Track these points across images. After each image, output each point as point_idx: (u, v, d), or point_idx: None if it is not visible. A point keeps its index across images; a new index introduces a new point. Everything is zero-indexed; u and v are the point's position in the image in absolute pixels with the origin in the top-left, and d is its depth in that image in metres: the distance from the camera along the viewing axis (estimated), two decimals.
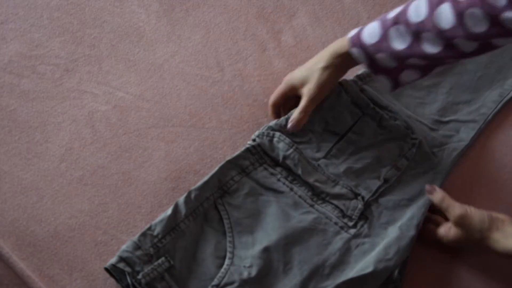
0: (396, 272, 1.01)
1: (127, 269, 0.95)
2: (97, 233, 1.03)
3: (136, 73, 1.18)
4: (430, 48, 0.93)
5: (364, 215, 1.05)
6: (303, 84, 1.07)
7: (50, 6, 1.22)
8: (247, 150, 1.07)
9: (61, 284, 0.99)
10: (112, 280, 0.99)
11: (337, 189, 1.06)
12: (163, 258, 0.97)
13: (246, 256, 0.99)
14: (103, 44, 1.20)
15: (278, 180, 1.06)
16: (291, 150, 1.06)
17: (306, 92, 1.06)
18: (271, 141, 1.08)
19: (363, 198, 1.06)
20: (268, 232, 1.01)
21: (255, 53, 1.21)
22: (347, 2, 1.27)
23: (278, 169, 1.07)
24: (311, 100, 1.06)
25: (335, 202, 1.05)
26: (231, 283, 0.97)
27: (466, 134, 1.13)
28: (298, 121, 1.07)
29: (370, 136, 1.11)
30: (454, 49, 0.92)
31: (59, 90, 1.16)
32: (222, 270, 0.98)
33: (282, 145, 1.07)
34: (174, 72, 1.19)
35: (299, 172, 1.06)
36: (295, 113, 1.07)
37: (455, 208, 1.01)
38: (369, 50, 0.99)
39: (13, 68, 1.16)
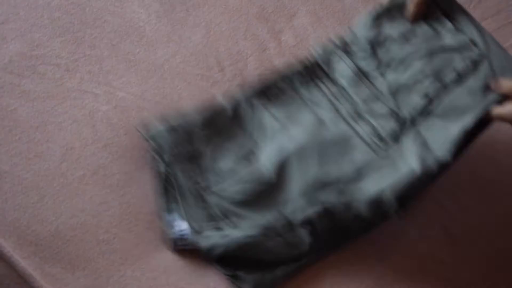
0: (393, 204, 0.97)
1: (155, 144, 1.05)
2: (99, 231, 1.03)
3: (137, 73, 1.18)
4: None
5: (399, 138, 1.01)
6: None
7: (50, 6, 1.22)
8: (302, 62, 1.10)
9: (63, 283, 0.98)
10: (115, 278, 0.98)
11: (379, 108, 1.04)
12: (191, 145, 1.04)
13: (270, 157, 1.02)
14: (104, 44, 1.20)
15: (323, 95, 1.07)
16: (344, 65, 1.08)
17: None
18: (327, 53, 1.09)
19: (402, 118, 1.02)
20: (297, 139, 1.04)
21: (256, 53, 1.21)
22: (347, 2, 1.28)
23: (327, 83, 1.08)
24: None
25: (372, 121, 1.04)
26: (250, 180, 1.01)
27: None
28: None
29: (427, 45, 1.05)
30: None
31: (59, 90, 1.15)
32: (245, 167, 1.03)
33: (337, 59, 1.09)
34: (175, 72, 1.19)
35: (347, 85, 1.06)
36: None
37: None
38: None
39: (13, 68, 1.16)
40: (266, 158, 1.04)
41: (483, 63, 1.02)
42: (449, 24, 1.05)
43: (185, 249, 1.00)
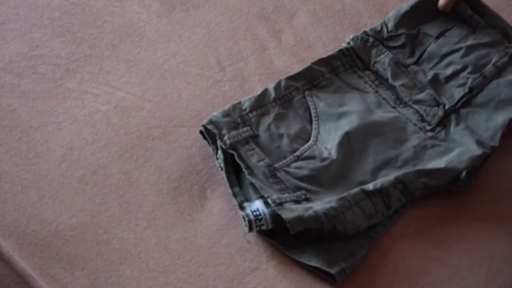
0: (464, 173, 1.04)
1: (215, 130, 1.05)
2: (98, 232, 1.02)
3: (137, 73, 1.18)
4: None
5: (443, 123, 1.10)
6: None
7: (50, 6, 1.22)
8: (341, 51, 1.15)
9: (63, 283, 0.98)
10: (114, 279, 0.98)
11: (421, 96, 1.11)
12: (247, 127, 1.05)
13: (328, 140, 1.06)
14: (104, 44, 1.20)
15: (365, 82, 1.13)
16: (382, 56, 1.14)
17: None
18: (364, 45, 1.15)
19: (444, 106, 1.10)
20: (351, 120, 1.08)
21: (256, 53, 1.21)
22: (347, 1, 1.28)
23: (367, 72, 1.14)
24: None
25: (416, 106, 1.11)
26: (312, 157, 1.04)
27: None
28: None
29: (464, 41, 1.15)
30: None
31: (59, 90, 1.15)
32: (305, 146, 1.06)
33: (374, 51, 1.15)
34: (175, 72, 1.19)
35: (388, 75, 1.12)
36: None
37: None
38: None
39: (13, 68, 1.16)
40: (324, 139, 1.07)
41: None
42: (481, 21, 1.17)
43: (262, 230, 0.99)
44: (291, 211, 0.97)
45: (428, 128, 1.09)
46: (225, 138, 1.04)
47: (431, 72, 1.14)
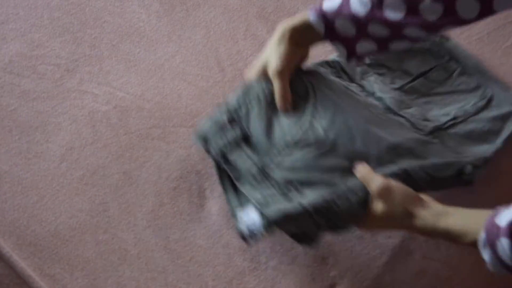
0: (469, 167, 1.03)
1: (202, 144, 1.01)
2: (98, 232, 1.03)
3: (137, 73, 1.18)
4: (392, 13, 0.90)
5: (433, 133, 1.09)
6: (267, 66, 1.02)
7: (50, 6, 1.22)
8: (326, 62, 1.13)
9: (62, 283, 0.99)
10: (113, 279, 0.99)
11: (410, 111, 1.11)
12: (235, 123, 1.01)
13: (325, 117, 1.01)
14: (104, 44, 1.20)
15: (354, 92, 1.10)
16: (368, 74, 1.14)
17: (271, 73, 1.01)
18: (353, 66, 1.14)
19: (432, 122, 1.10)
20: (349, 109, 1.03)
21: (256, 53, 1.21)
22: None
23: (353, 84, 1.13)
24: (280, 76, 1.00)
25: (407, 115, 1.10)
26: (308, 142, 0.98)
27: None
28: (283, 102, 1.02)
29: (441, 87, 1.17)
30: (417, 16, 0.89)
31: (59, 90, 1.16)
32: (303, 129, 1.00)
33: (359, 69, 1.15)
34: (175, 72, 1.19)
35: (375, 89, 1.12)
36: (277, 99, 1.02)
37: (376, 180, 0.94)
38: (329, 17, 0.94)
39: (13, 68, 1.16)
40: (322, 115, 1.02)
41: (493, 99, 1.16)
42: (457, 68, 1.19)
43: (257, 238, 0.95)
44: (276, 210, 0.93)
45: (423, 132, 1.08)
46: (213, 148, 1.00)
47: (414, 102, 1.14)
